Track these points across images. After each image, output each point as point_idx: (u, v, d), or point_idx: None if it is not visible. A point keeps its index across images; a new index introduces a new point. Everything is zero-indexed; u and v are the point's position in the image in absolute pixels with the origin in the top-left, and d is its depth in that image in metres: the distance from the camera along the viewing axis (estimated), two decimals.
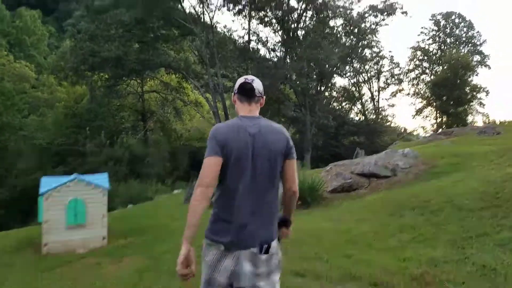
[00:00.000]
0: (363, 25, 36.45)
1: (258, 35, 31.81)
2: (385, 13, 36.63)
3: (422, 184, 8.68)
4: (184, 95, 34.09)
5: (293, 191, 2.13)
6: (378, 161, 10.43)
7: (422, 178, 9.38)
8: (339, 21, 32.80)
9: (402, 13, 36.37)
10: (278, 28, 31.16)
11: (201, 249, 2.04)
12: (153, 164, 26.31)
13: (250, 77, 2.15)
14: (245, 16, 30.78)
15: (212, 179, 1.93)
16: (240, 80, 2.14)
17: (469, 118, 39.99)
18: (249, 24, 31.24)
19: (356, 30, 36.25)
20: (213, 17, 30.81)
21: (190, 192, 13.70)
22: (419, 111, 47.88)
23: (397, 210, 6.99)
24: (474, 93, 39.00)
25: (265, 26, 31.47)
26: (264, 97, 2.17)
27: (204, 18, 30.80)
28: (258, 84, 2.12)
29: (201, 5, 29.95)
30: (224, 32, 32.13)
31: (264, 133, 2.00)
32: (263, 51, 33.29)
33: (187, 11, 30.04)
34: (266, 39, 32.04)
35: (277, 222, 2.09)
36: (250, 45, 31.69)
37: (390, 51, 43.71)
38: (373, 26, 36.82)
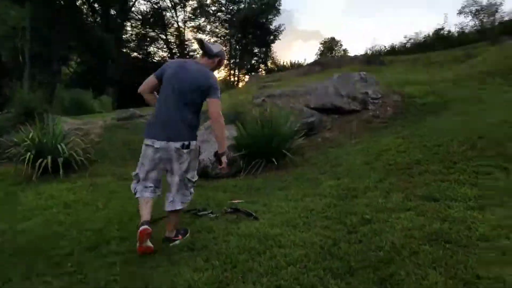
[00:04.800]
0: None
1: None
2: None
3: (443, 120, 5.81)
4: None
5: (211, 119, 2.90)
6: (338, 89, 6.95)
7: (414, 113, 6.56)
8: None
9: None
10: None
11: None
12: None
13: (212, 43, 3.06)
14: None
15: (145, 89, 2.96)
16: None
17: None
18: None
19: None
20: None
21: None
22: None
23: None
24: (276, 34, 40.19)
25: None
26: (218, 59, 2.97)
27: None
28: (214, 47, 2.97)
29: None
30: None
31: (191, 70, 2.84)
32: None
33: None
34: None
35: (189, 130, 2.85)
36: None
37: None
38: None
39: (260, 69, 41.25)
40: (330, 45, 48.83)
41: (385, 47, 22.08)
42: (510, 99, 5.92)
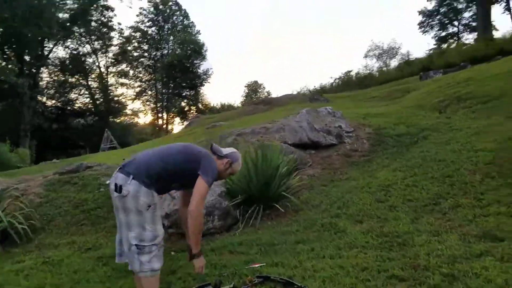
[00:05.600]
0: None
1: None
2: None
3: (430, 150, 5.58)
4: None
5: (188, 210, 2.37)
6: (312, 123, 6.51)
7: (393, 145, 6.32)
8: None
9: None
10: None
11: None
12: None
13: (227, 148, 2.82)
14: None
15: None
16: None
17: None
18: None
19: None
20: None
21: None
22: (139, 94, 45.51)
23: None
24: (205, 77, 40.20)
25: None
26: (227, 160, 2.68)
27: None
28: (225, 150, 2.74)
29: None
30: None
31: None
32: None
33: None
34: None
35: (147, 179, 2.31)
36: None
37: (119, 24, 38.56)
38: None
39: (191, 111, 40.42)
40: (254, 87, 50.28)
41: (315, 86, 23.22)
42: (484, 125, 5.95)
